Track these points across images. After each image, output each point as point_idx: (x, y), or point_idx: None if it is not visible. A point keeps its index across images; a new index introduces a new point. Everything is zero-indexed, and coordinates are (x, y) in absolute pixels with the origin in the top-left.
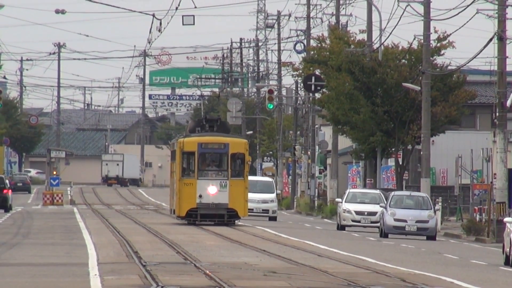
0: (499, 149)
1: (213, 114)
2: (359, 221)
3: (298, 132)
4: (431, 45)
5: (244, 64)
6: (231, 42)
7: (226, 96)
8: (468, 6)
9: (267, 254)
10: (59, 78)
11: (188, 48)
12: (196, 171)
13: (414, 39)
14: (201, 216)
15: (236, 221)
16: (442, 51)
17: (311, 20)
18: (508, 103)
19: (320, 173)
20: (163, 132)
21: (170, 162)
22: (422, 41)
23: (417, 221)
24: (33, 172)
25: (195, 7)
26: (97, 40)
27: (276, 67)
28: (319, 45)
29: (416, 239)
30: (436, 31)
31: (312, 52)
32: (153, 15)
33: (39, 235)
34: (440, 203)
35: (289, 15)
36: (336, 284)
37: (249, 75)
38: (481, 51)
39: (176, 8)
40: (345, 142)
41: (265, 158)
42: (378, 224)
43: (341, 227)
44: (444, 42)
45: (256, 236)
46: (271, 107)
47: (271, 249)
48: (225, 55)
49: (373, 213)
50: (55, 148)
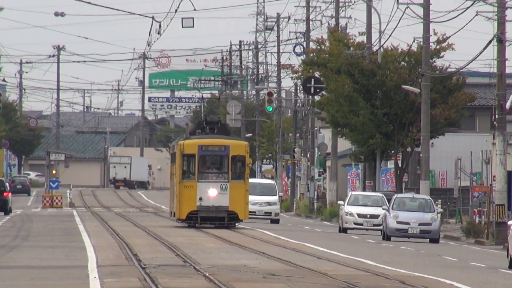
0: (499, 151)
1: (213, 117)
2: (362, 224)
3: (298, 135)
4: (431, 47)
5: (244, 67)
6: (231, 45)
7: (226, 99)
8: (468, 8)
9: (267, 257)
10: (59, 81)
11: (188, 51)
12: (197, 174)
13: (414, 41)
14: (202, 219)
15: (237, 224)
16: (442, 53)
17: (311, 23)
18: (508, 105)
19: (320, 176)
20: (163, 135)
21: (170, 165)
22: (422, 43)
23: (420, 224)
24: (33, 175)
25: (195, 10)
26: (97, 43)
27: (276, 70)
28: (319, 48)
29: (419, 242)
30: (436, 33)
31: (312, 55)
32: (153, 18)
33: (39, 238)
34: (440, 206)
35: (289, 18)
36: (336, 286)
37: (249, 78)
38: (481, 53)
39: (176, 11)
40: (345, 145)
41: (265, 161)
42: (381, 227)
43: (343, 230)
44: (444, 44)
45: (256, 239)
46: (271, 110)
47: (271, 252)
48: (225, 58)
49: (376, 216)
50: (55, 151)
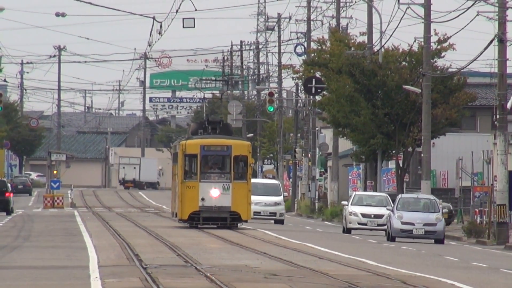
0: (500, 151)
1: (215, 116)
2: (366, 224)
3: (299, 135)
4: (432, 48)
5: (245, 67)
6: (232, 45)
7: (227, 99)
8: (469, 9)
9: (268, 257)
10: (60, 81)
11: (189, 51)
12: (199, 174)
13: (415, 42)
14: (204, 219)
15: (239, 224)
16: (443, 53)
17: (312, 23)
18: (509, 105)
19: (321, 176)
20: (164, 135)
21: (172, 165)
22: (423, 44)
23: (425, 224)
24: (34, 175)
25: (196, 10)
26: (98, 43)
27: (277, 70)
28: (320, 48)
29: (422, 243)
30: (437, 33)
31: (313, 55)
32: (154, 18)
33: (40, 238)
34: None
35: (290, 18)
36: (337, 287)
37: (250, 78)
38: (482, 53)
39: (177, 11)
40: (346, 145)
41: (266, 161)
42: (385, 227)
43: (347, 230)
44: (445, 44)
45: (257, 239)
46: (272, 110)
47: (272, 252)
48: (226, 58)
49: (380, 216)
50: (56, 151)
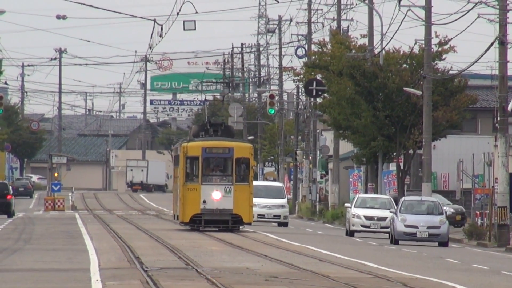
0: (501, 154)
1: (217, 119)
2: (369, 227)
3: (300, 137)
4: (432, 50)
5: (245, 69)
6: (232, 47)
7: (228, 101)
8: (469, 11)
9: (269, 259)
10: (60, 84)
11: (189, 53)
12: (200, 176)
13: (415, 44)
14: (205, 222)
15: (241, 227)
16: (444, 56)
17: (312, 25)
18: (510, 108)
19: (322, 178)
20: (164, 137)
21: (173, 167)
22: (423, 46)
23: (429, 227)
24: (35, 178)
25: (196, 12)
26: (98, 46)
27: (277, 72)
28: (320, 50)
29: (427, 246)
30: (437, 36)
31: (313, 57)
32: (154, 21)
33: (41, 241)
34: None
35: (290, 20)
36: None
37: (250, 80)
38: (482, 56)
39: (177, 14)
40: (347, 147)
41: (267, 163)
42: (388, 230)
43: (351, 233)
44: (445, 47)
45: (258, 241)
46: (272, 112)
47: (273, 254)
48: (226, 60)
49: (383, 219)
50: (57, 154)
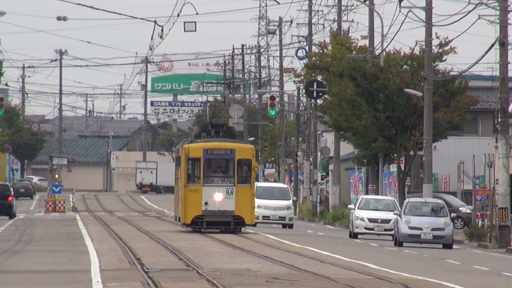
0: (501, 155)
1: (218, 120)
2: (373, 229)
3: (300, 138)
4: (433, 51)
5: (246, 71)
6: (233, 49)
7: (228, 103)
8: (470, 12)
9: (270, 261)
10: (61, 85)
11: (190, 55)
12: (202, 178)
13: (416, 45)
14: (207, 224)
15: (243, 229)
16: (444, 57)
17: (313, 26)
18: (510, 109)
19: (322, 179)
20: (165, 139)
21: (175, 169)
22: (424, 47)
23: (433, 229)
24: (35, 179)
25: (197, 14)
26: (99, 47)
27: (278, 73)
28: (321, 51)
29: (430, 247)
30: (438, 37)
31: (314, 58)
32: (155, 22)
33: (42, 242)
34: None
35: (291, 21)
36: None
37: (251, 82)
38: (483, 57)
39: (178, 15)
40: (347, 148)
41: (267, 164)
42: (392, 232)
43: (354, 235)
44: (446, 48)
45: (259, 243)
46: (273, 113)
47: (274, 256)
48: (227, 62)
49: (387, 221)
50: (57, 155)
